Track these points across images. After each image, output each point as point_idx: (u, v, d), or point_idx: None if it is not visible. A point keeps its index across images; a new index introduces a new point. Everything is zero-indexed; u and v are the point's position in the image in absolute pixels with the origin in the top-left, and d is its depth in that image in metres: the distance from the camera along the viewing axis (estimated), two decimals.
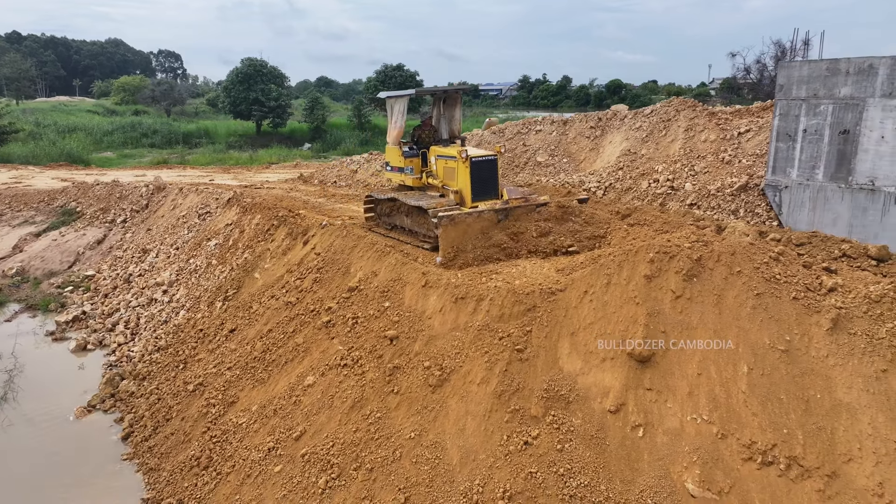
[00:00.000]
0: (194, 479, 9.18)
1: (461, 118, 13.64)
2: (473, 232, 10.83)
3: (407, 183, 13.08)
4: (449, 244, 10.63)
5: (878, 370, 7.13)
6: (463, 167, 11.46)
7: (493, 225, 10.99)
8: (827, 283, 8.17)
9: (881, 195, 9.51)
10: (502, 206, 11.12)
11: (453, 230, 10.64)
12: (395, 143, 13.22)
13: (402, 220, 12.66)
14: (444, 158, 12.15)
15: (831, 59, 9.93)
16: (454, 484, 7.46)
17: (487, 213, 10.94)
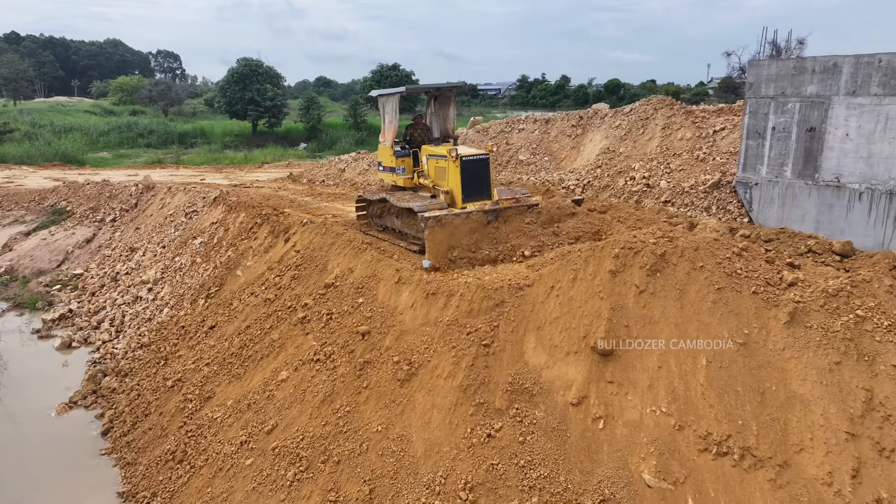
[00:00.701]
0: (169, 472, 9.33)
1: (455, 117, 13.36)
2: (462, 234, 10.55)
3: (398, 183, 12.80)
4: (436, 246, 10.32)
5: (832, 362, 7.26)
6: (453, 167, 11.05)
7: (482, 226, 10.74)
8: (787, 277, 8.30)
9: (846, 192, 9.64)
10: (492, 207, 10.90)
11: (440, 232, 10.34)
12: (388, 143, 12.91)
13: (393, 222, 12.43)
14: (435, 158, 11.80)
15: (798, 58, 10.08)
16: (418, 476, 7.59)
17: (476, 215, 10.68)
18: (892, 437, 6.75)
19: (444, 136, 13.23)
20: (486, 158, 11.35)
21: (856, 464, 6.64)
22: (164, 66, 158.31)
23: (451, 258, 10.41)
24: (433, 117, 13.34)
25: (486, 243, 10.69)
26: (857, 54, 9.37)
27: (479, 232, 10.69)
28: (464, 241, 10.55)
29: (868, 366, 7.20)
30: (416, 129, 13.21)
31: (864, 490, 6.52)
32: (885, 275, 8.13)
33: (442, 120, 13.28)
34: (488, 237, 10.72)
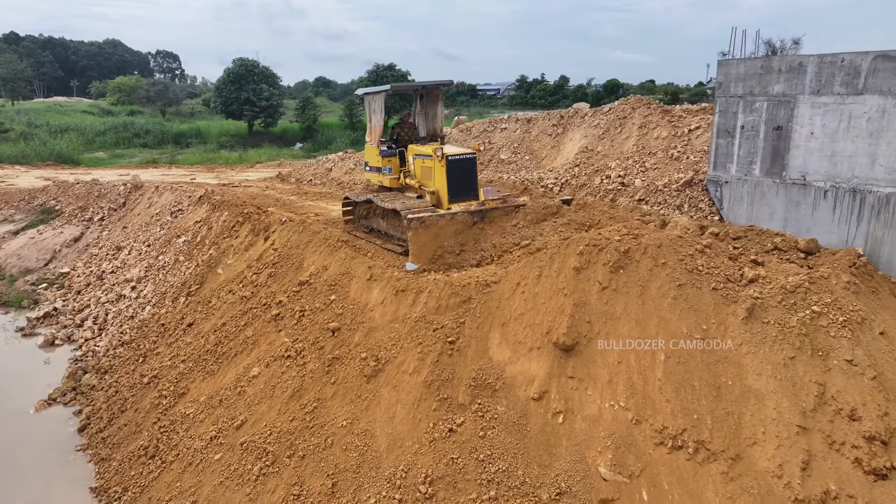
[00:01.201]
0: (140, 467, 9.44)
1: (443, 115, 13.07)
2: (446, 235, 10.35)
3: (385, 184, 12.57)
4: (420, 248, 10.18)
5: (787, 357, 7.35)
6: (439, 166, 10.78)
7: (467, 228, 10.53)
8: (748, 274, 8.40)
9: (812, 190, 9.74)
10: (478, 208, 10.69)
11: (424, 233, 10.16)
12: (374, 142, 12.72)
13: (379, 223, 12.25)
14: (421, 157, 11.53)
15: (765, 58, 10.18)
16: (380, 470, 7.69)
17: (461, 216, 10.47)
18: (842, 431, 6.85)
19: (431, 136, 12.96)
20: (472, 158, 11.08)
21: (806, 457, 6.74)
22: (164, 67, 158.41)
23: (436, 260, 10.22)
24: (420, 116, 13.06)
25: (471, 245, 10.52)
26: (821, 54, 9.46)
27: (464, 233, 10.49)
28: (449, 242, 10.34)
29: (822, 360, 7.30)
30: (403, 128, 12.99)
31: (813, 482, 6.61)
32: (843, 271, 8.23)
33: (429, 119, 13.02)
34: (473, 239, 10.56)
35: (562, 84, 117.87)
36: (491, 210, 10.74)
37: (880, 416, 6.84)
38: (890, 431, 6.78)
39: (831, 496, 6.52)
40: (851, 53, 9.16)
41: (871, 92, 8.96)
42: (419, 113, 13.06)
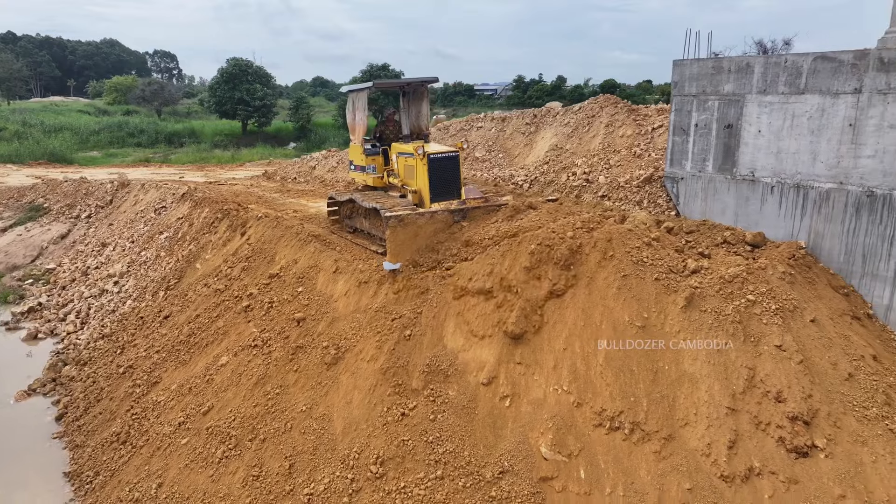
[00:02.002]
0: (112, 453, 9.79)
1: (428, 113, 12.77)
2: (426, 235, 10.13)
3: (369, 183, 12.40)
4: (398, 247, 9.90)
5: (721, 343, 7.73)
6: (421, 165, 10.57)
7: (448, 227, 10.34)
8: (691, 265, 8.77)
9: (760, 186, 10.11)
10: (458, 207, 10.48)
11: (403, 232, 9.89)
12: (358, 141, 12.57)
13: (362, 223, 12.08)
14: (404, 156, 11.34)
15: (716, 58, 10.53)
16: (335, 451, 8.05)
17: (441, 214, 10.25)
18: (768, 412, 7.22)
19: (415, 133, 12.66)
20: (455, 156, 10.89)
21: (733, 436, 7.11)
22: (161, 66, 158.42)
23: (415, 260, 9.94)
24: (404, 113, 12.74)
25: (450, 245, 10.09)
26: (767, 55, 9.83)
27: (444, 233, 10.28)
28: (428, 242, 10.10)
29: (753, 346, 7.67)
30: (388, 126, 12.85)
31: (738, 460, 6.99)
32: (780, 262, 8.61)
33: (413, 116, 12.71)
34: (453, 238, 10.21)
35: (559, 84, 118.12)
36: (472, 209, 10.53)
37: (804, 398, 7.21)
38: (812, 412, 7.16)
39: (755, 472, 6.89)
40: (794, 55, 9.54)
41: (811, 92, 9.33)
42: (403, 110, 12.74)
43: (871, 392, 7.43)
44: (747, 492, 6.81)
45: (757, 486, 6.83)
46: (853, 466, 6.84)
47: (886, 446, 6.96)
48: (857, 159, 8.98)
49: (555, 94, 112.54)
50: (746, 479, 6.88)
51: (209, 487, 8.30)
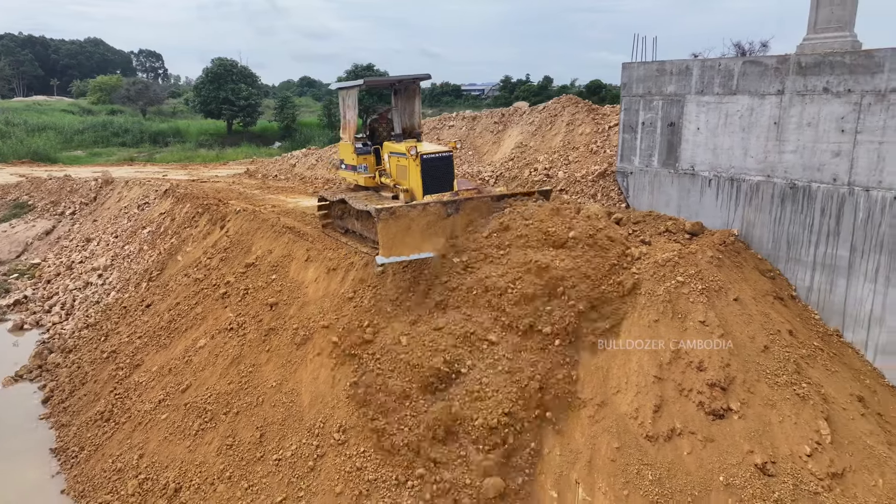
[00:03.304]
0: (96, 429, 10.44)
1: (420, 111, 12.45)
2: (418, 228, 9.58)
3: (360, 182, 11.97)
4: (390, 240, 9.41)
5: (651, 321, 8.55)
6: (413, 165, 10.27)
7: (441, 220, 9.74)
8: (635, 252, 9.59)
9: (699, 179, 10.95)
10: (451, 199, 9.91)
11: (395, 225, 9.39)
12: (348, 139, 12.28)
13: (353, 224, 11.71)
14: (396, 155, 11.00)
15: (660, 61, 11.36)
16: (302, 422, 8.77)
17: (434, 207, 9.66)
18: (691, 380, 8.05)
19: (407, 132, 12.25)
20: (448, 156, 10.52)
21: (659, 401, 7.93)
22: (146, 66, 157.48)
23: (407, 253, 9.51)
24: (396, 112, 12.33)
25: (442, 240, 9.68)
26: (703, 59, 10.67)
27: (437, 226, 9.73)
28: (421, 236, 9.59)
29: (680, 322, 8.50)
30: (381, 124, 12.60)
31: (662, 422, 7.80)
32: (710, 248, 9.46)
33: (406, 115, 12.31)
34: (445, 232, 9.76)
35: (545, 84, 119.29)
36: (465, 201, 9.96)
37: (722, 367, 8.05)
38: (729, 379, 7.99)
39: (676, 433, 7.72)
40: (727, 59, 10.40)
41: (742, 92, 10.19)
42: (395, 109, 12.34)
43: (784, 362, 8.28)
44: (669, 449, 7.63)
45: (678, 445, 7.65)
46: (762, 426, 7.68)
47: (793, 409, 7.81)
48: (781, 154, 9.85)
49: (542, 94, 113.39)
50: (669, 439, 7.70)
51: (186, 457, 9.00)
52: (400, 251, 9.53)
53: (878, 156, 8.87)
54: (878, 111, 8.80)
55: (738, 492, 7.23)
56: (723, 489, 7.28)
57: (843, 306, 9.50)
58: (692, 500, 7.23)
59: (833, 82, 9.20)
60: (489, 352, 8.42)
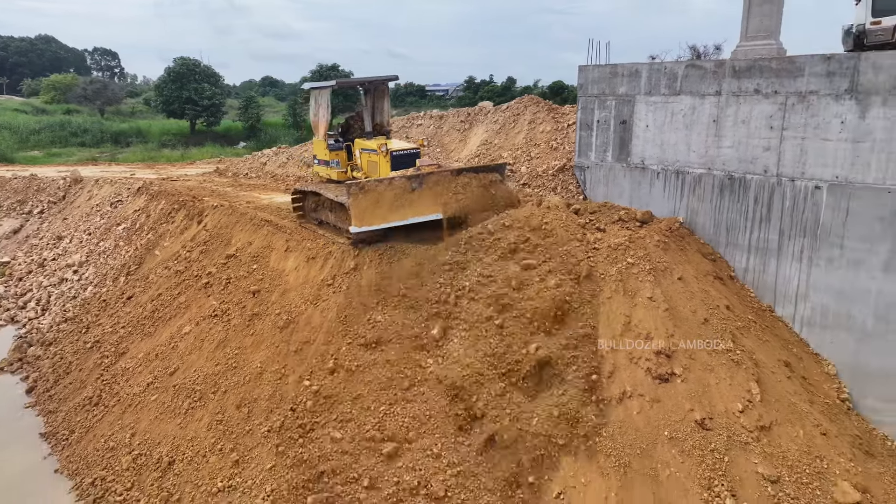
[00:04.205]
0: (86, 413, 10.90)
1: (389, 109, 13.41)
2: (386, 201, 10.51)
3: (332, 177, 12.84)
4: (361, 212, 10.38)
5: (605, 298, 9.52)
6: (384, 161, 11.21)
7: (406, 193, 10.63)
8: (590, 238, 10.56)
9: (649, 172, 12.01)
10: (414, 174, 10.82)
11: (364, 199, 10.35)
12: (321, 136, 13.13)
13: (327, 216, 12.46)
14: (367, 152, 11.88)
15: (612, 65, 12.38)
16: (288, 399, 9.43)
17: (399, 181, 10.60)
18: (640, 349, 9.02)
19: (377, 129, 13.20)
20: (416, 152, 11.53)
21: (612, 368, 8.89)
22: (102, 65, 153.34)
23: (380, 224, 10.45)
24: (366, 111, 13.28)
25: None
26: (651, 62, 11.74)
27: (403, 198, 10.61)
28: (389, 208, 10.49)
29: (630, 298, 9.49)
30: (355, 123, 13.42)
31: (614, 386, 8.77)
32: (657, 233, 10.50)
33: (376, 113, 13.27)
34: (412, 204, 10.67)
35: (509, 85, 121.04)
36: (427, 175, 10.79)
37: (667, 337, 9.06)
38: (673, 348, 9.01)
39: (627, 395, 8.69)
40: (672, 63, 11.48)
41: (685, 93, 11.27)
42: (365, 108, 13.26)
43: (721, 332, 9.34)
44: (621, 409, 8.60)
45: (628, 405, 8.63)
46: (701, 388, 8.71)
47: (728, 372, 8.87)
48: (719, 149, 10.96)
49: (505, 94, 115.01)
50: (620, 401, 8.67)
51: (178, 433, 9.58)
52: (371, 222, 10.47)
53: (800, 150, 10.04)
54: (800, 110, 9.96)
55: (681, 444, 8.23)
56: (667, 442, 8.27)
57: (774, 284, 10.65)
58: (640, 452, 8.20)
59: (762, 85, 10.33)
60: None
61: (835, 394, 9.81)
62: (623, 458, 8.12)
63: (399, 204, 10.64)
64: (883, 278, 9.50)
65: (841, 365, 10.06)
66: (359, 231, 10.51)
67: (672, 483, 7.94)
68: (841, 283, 9.88)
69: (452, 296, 9.81)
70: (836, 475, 8.31)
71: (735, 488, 7.87)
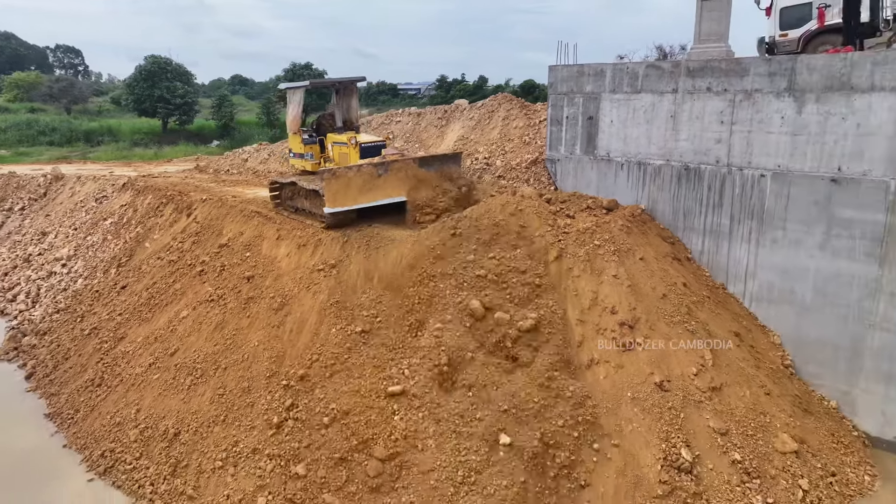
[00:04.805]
0: (89, 394, 11.49)
1: (358, 107, 14.85)
2: (356, 185, 11.94)
3: (307, 168, 14.25)
4: (334, 195, 11.77)
5: (574, 276, 10.50)
6: (354, 152, 12.94)
7: (374, 178, 12.07)
8: (561, 224, 11.55)
9: (613, 164, 13.04)
10: (380, 161, 12.36)
11: (335, 183, 11.77)
12: (293, 131, 14.54)
13: (303, 203, 13.48)
14: (338, 145, 13.53)
15: (580, 65, 13.39)
16: (286, 374, 10.19)
17: (366, 168, 12.12)
18: (605, 321, 10.04)
19: (347, 125, 14.68)
20: (382, 144, 13.51)
21: (581, 338, 9.88)
22: (65, 62, 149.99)
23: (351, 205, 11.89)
24: (337, 108, 14.73)
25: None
26: (615, 63, 12.79)
27: (370, 183, 12.11)
28: (358, 191, 11.96)
29: (597, 276, 10.50)
30: (326, 119, 14.97)
31: (584, 354, 9.75)
32: (621, 219, 11.54)
33: (345, 110, 14.87)
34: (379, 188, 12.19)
35: (481, 84, 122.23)
36: (392, 163, 12.32)
37: (630, 310, 10.09)
38: (636, 319, 10.03)
39: (594, 362, 9.68)
40: (633, 63, 12.53)
41: (645, 91, 12.33)
42: (336, 105, 14.76)
43: (678, 306, 10.41)
44: (589, 374, 9.59)
45: (596, 371, 9.63)
46: (660, 355, 9.75)
47: (684, 341, 9.92)
48: (676, 142, 12.05)
49: (477, 93, 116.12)
50: (589, 367, 9.67)
51: (181, 407, 10.27)
52: (342, 203, 11.97)
53: (747, 142, 11.16)
54: (746, 107, 11.09)
55: (642, 403, 9.25)
56: (630, 402, 9.29)
57: (726, 264, 11.77)
58: (607, 411, 9.21)
59: (713, 83, 11.44)
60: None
61: (779, 360, 10.97)
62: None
63: (367, 188, 12.12)
64: (820, 256, 10.68)
65: (785, 335, 11.23)
66: (332, 211, 11.91)
67: (635, 436, 8.96)
68: (784, 261, 11.04)
69: (439, 279, 10.68)
70: (777, 428, 9.44)
71: (689, 440, 8.93)
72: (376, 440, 8.90)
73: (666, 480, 8.49)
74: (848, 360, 10.57)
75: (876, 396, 10.35)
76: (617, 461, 8.72)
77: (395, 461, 8.73)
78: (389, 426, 8.96)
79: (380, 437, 8.90)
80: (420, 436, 8.86)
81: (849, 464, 9.64)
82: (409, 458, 8.74)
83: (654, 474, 8.57)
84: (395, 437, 8.81)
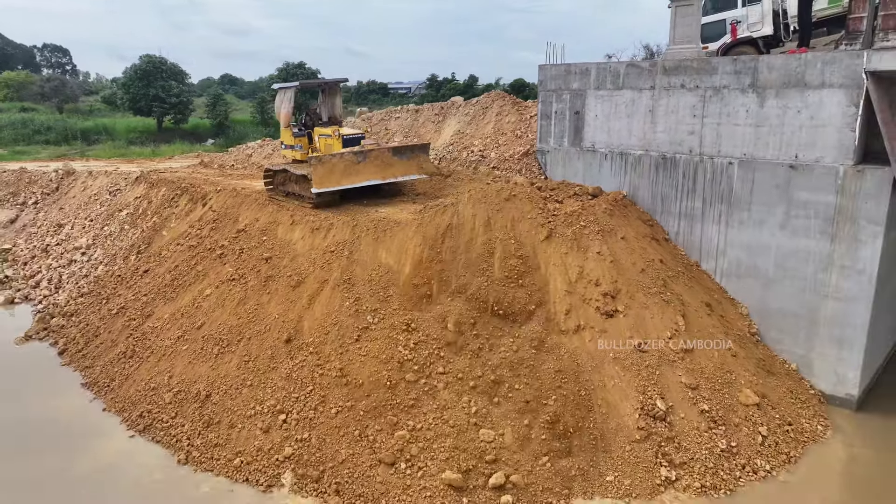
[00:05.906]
0: (122, 365, 12.58)
1: (342, 105, 17.22)
2: (338, 170, 14.09)
3: (297, 157, 16.40)
4: (320, 178, 13.78)
5: (562, 253, 11.75)
6: (337, 142, 15.24)
7: (354, 164, 14.33)
8: (550, 208, 12.78)
9: (598, 154, 14.30)
10: (360, 150, 14.61)
11: (321, 168, 13.89)
12: (284, 126, 16.70)
13: (293, 187, 15.25)
14: (324, 137, 15.76)
15: (567, 64, 14.64)
16: (304, 344, 11.32)
17: (348, 155, 14.35)
18: (590, 291, 11.28)
19: (332, 120, 16.90)
20: (361, 136, 15.80)
21: (569, 307, 11.13)
22: (52, 61, 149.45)
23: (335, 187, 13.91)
24: (323, 106, 17.09)
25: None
26: (599, 62, 14.06)
27: (351, 168, 14.30)
28: (341, 175, 14.07)
29: (583, 253, 11.74)
30: (312, 115, 17.05)
31: (571, 320, 10.99)
32: (605, 203, 12.80)
33: (330, 107, 17.16)
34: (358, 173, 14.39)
35: (471, 83, 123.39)
36: (369, 151, 14.55)
37: (612, 283, 11.34)
38: (617, 290, 11.28)
39: (581, 328, 10.93)
40: (615, 63, 13.80)
41: (626, 88, 13.59)
42: (322, 103, 17.03)
43: (655, 279, 11.67)
44: (576, 338, 10.83)
45: (582, 335, 10.87)
46: (638, 321, 11.01)
47: (660, 309, 11.19)
48: (654, 134, 13.32)
49: (467, 92, 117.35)
50: (576, 332, 10.91)
51: (210, 373, 11.40)
52: (327, 185, 13.91)
53: (717, 133, 12.45)
54: (715, 101, 12.37)
55: (622, 362, 10.51)
56: (612, 361, 10.55)
57: (699, 243, 13.06)
58: (592, 368, 10.46)
59: (687, 81, 12.72)
60: None
61: (746, 329, 12.27)
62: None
63: (349, 172, 14.24)
64: (780, 235, 11.97)
65: (751, 306, 12.52)
66: (319, 192, 13.86)
67: (616, 390, 10.21)
68: (749, 240, 12.33)
69: (444, 258, 11.88)
70: (741, 385, 10.74)
71: (664, 393, 10.19)
72: (393, 398, 10.09)
73: (643, 427, 9.75)
74: (806, 327, 11.87)
75: (830, 359, 11.66)
76: (602, 410, 9.98)
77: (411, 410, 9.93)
78: (403, 381, 10.17)
79: (397, 390, 10.10)
80: (432, 385, 10.08)
81: (804, 416, 10.95)
82: (425, 404, 9.95)
83: (632, 422, 9.83)
84: (410, 394, 10.01)
